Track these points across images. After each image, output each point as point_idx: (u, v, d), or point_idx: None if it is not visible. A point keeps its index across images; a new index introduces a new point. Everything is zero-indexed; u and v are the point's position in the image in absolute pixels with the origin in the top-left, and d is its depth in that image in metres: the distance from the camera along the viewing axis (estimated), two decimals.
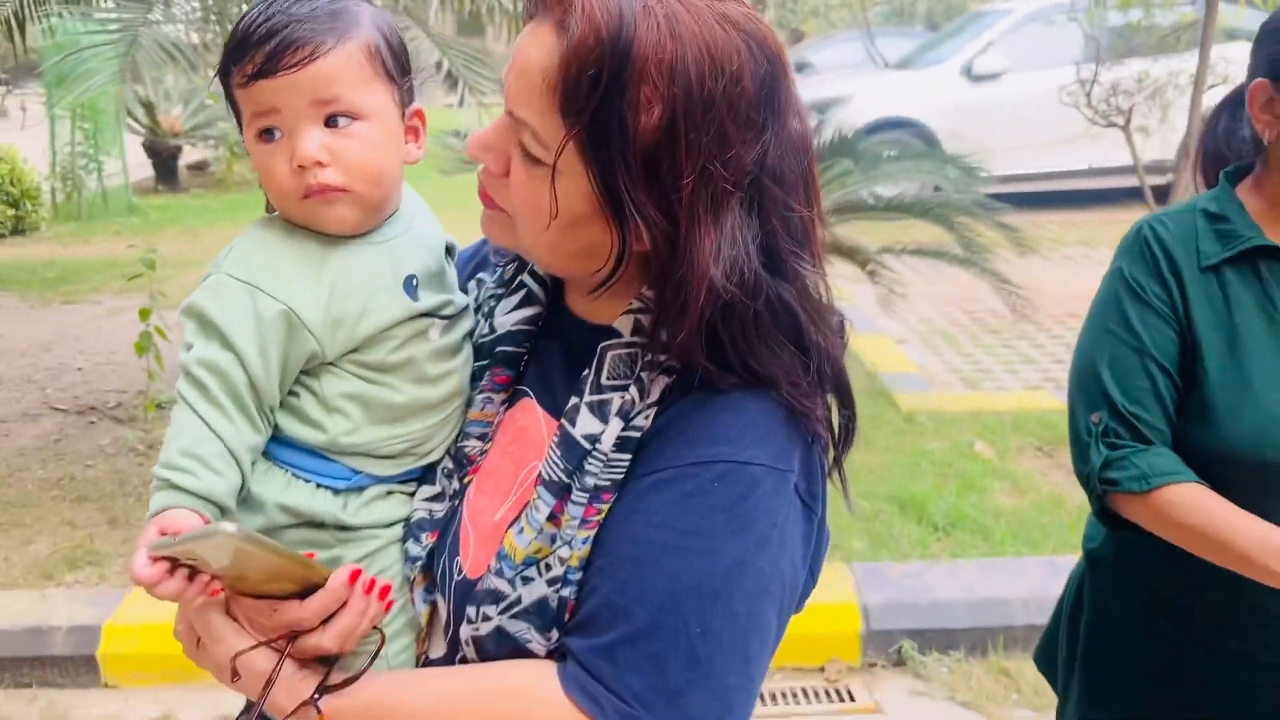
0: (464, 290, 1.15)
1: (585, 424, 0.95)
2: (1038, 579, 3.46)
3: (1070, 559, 3.54)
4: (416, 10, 3.77)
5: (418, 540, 1.03)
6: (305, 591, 0.93)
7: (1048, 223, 9.55)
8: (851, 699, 3.18)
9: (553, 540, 0.94)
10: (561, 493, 0.95)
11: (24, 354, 6.32)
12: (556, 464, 0.96)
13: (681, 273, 0.89)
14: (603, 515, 0.94)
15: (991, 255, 4.70)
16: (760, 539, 0.92)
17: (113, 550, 3.86)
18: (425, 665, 1.04)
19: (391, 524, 1.05)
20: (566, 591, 0.93)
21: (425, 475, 1.08)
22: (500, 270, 1.13)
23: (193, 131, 12.45)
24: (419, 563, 1.03)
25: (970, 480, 4.24)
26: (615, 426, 0.94)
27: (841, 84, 10.61)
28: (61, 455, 4.73)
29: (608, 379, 0.96)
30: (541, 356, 1.07)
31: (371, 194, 1.03)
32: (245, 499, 1.00)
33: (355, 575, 0.93)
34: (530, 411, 1.05)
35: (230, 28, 1.16)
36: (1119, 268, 1.58)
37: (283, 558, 0.88)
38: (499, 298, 1.11)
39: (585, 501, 0.94)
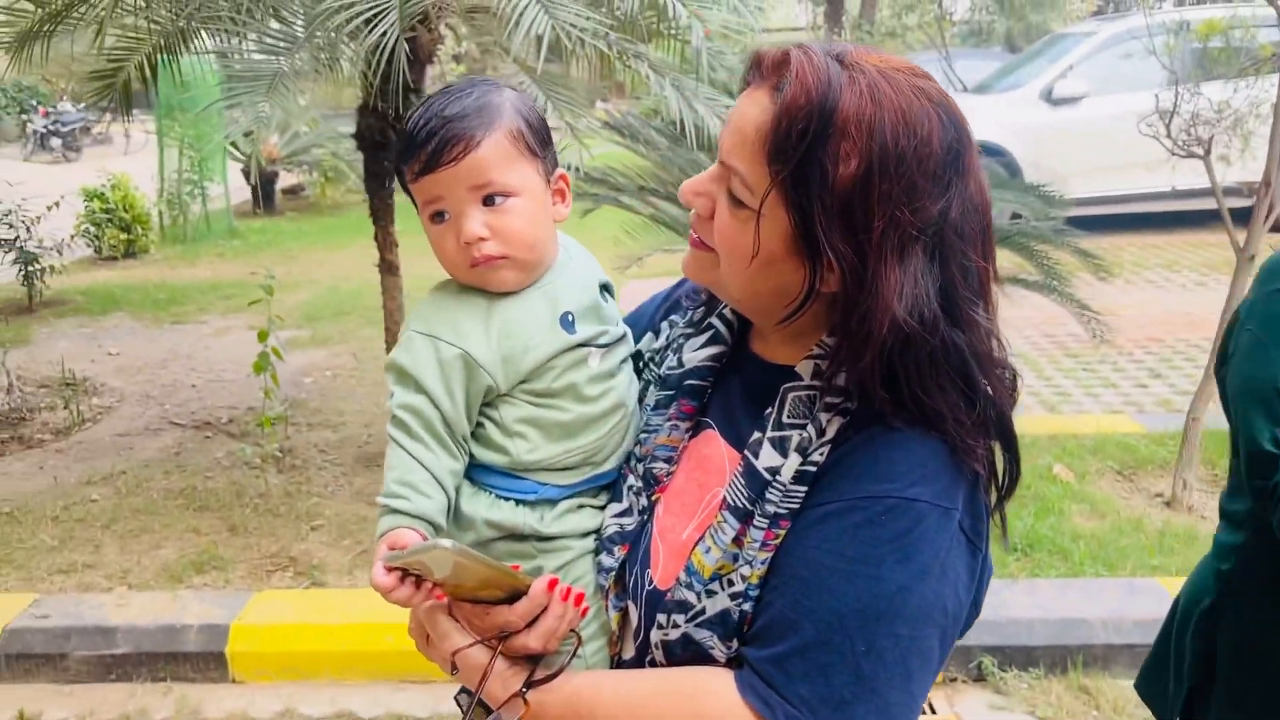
0: (657, 331, 1.34)
1: (767, 457, 1.08)
2: (1116, 600, 3.54)
3: (1150, 581, 3.63)
4: (505, 41, 4.03)
5: (610, 552, 1.19)
6: (513, 598, 1.10)
7: (1128, 246, 9.50)
8: (933, 710, 3.30)
9: (735, 559, 1.07)
10: (745, 517, 1.07)
11: (140, 371, 6.72)
12: (740, 491, 1.09)
13: (867, 305, 1.01)
14: (780, 540, 1.06)
15: (1071, 281, 4.78)
16: (922, 569, 1.01)
17: (234, 555, 4.15)
18: (618, 666, 1.19)
19: (584, 535, 1.21)
20: (746, 605, 1.06)
21: (613, 493, 1.24)
22: (690, 313, 1.30)
23: (289, 158, 12.98)
24: (612, 572, 1.18)
25: (1049, 502, 4.32)
26: (794, 461, 1.06)
27: None
28: (182, 467, 5.07)
29: (788, 417, 1.09)
30: (725, 391, 1.22)
31: (528, 257, 1.20)
32: (458, 518, 1.18)
33: (553, 583, 1.08)
34: (713, 441, 1.19)
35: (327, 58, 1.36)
36: None
37: (492, 569, 1.05)
38: (687, 337, 1.27)
39: (765, 527, 1.06)
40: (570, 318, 1.23)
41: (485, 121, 1.17)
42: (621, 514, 1.21)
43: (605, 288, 1.32)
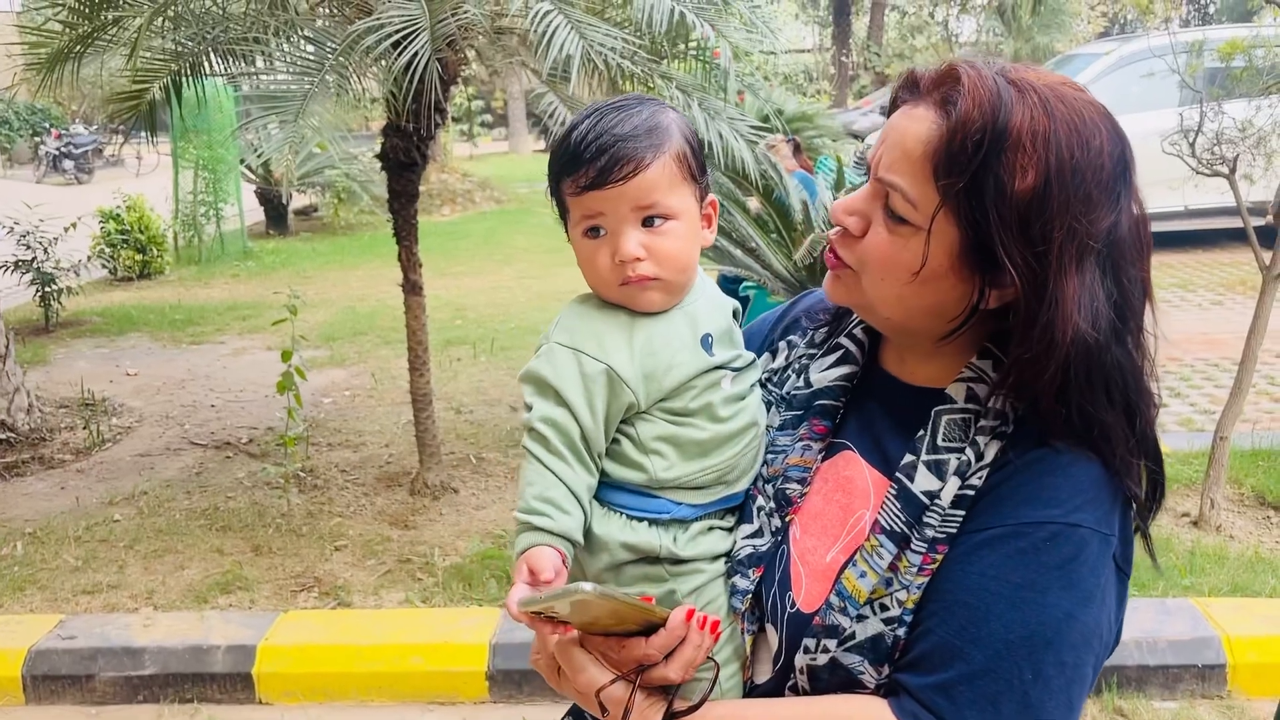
0: (774, 350, 1.33)
1: (923, 481, 1.07)
2: (1150, 621, 3.52)
3: (1183, 602, 3.61)
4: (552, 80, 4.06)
5: (744, 575, 1.17)
6: (645, 628, 1.08)
7: None
8: None
9: (889, 584, 1.06)
10: (902, 541, 1.06)
11: (159, 391, 6.73)
12: (896, 515, 1.08)
13: (1048, 318, 1.00)
14: (937, 565, 1.05)
15: None
16: (1086, 596, 1.01)
17: (259, 576, 4.14)
18: (751, 691, 1.17)
19: (715, 558, 1.19)
20: (900, 631, 1.04)
21: (743, 514, 1.22)
22: (810, 333, 1.30)
23: (302, 179, 13.05)
24: (748, 595, 1.16)
25: None
26: (953, 485, 1.05)
27: None
28: (204, 487, 5.06)
29: (943, 440, 1.08)
30: (862, 413, 1.20)
31: (679, 280, 1.20)
32: (588, 540, 1.16)
33: (691, 614, 1.06)
34: (854, 463, 1.18)
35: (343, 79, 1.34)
36: None
37: (627, 605, 1.03)
38: (812, 357, 1.27)
39: (924, 551, 1.05)
40: (710, 339, 1.22)
41: (656, 143, 1.16)
42: (753, 535, 1.19)
43: (735, 313, 1.31)
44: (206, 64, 4.33)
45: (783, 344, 1.33)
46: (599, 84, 4.10)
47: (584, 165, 1.15)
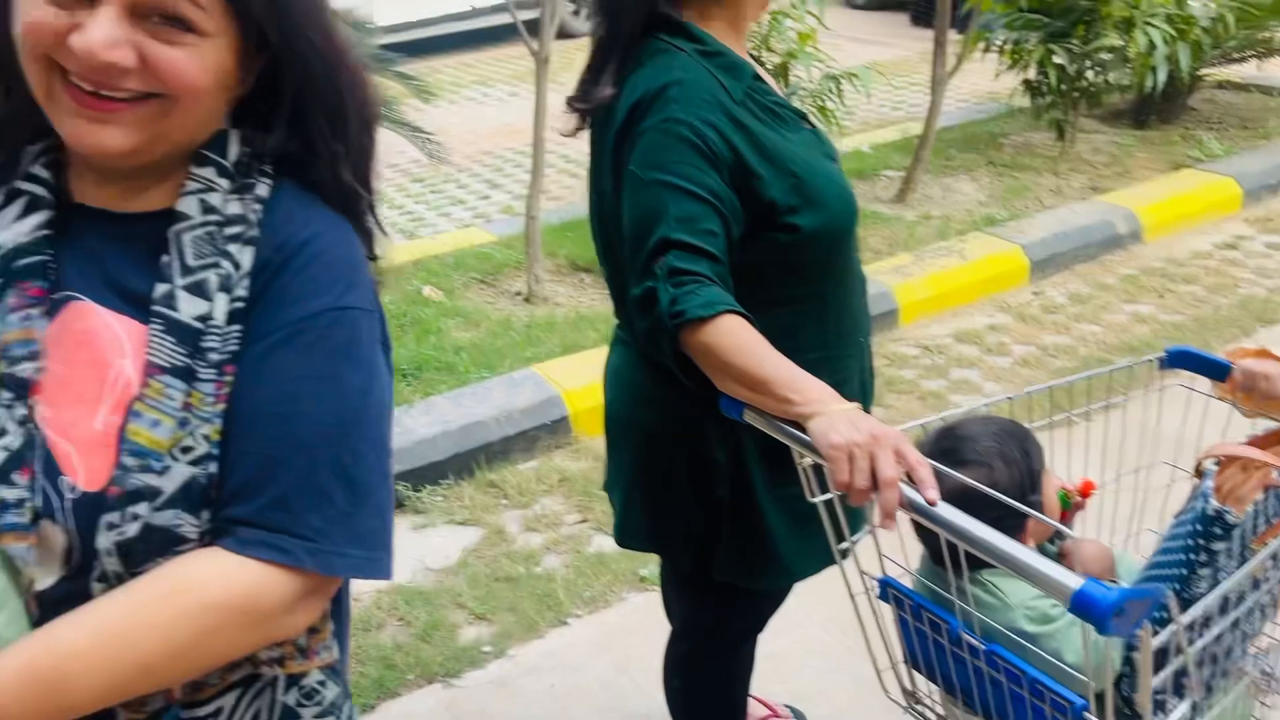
0: None
1: (189, 307, 1.00)
2: (503, 396, 3.85)
3: (527, 371, 3.99)
4: None
5: (11, 483, 0.96)
6: None
7: (444, 68, 9.91)
8: None
9: (184, 424, 0.98)
10: (188, 375, 0.99)
11: None
12: (174, 350, 0.99)
13: (331, 66, 1.05)
14: (230, 387, 1.00)
15: (399, 107, 4.85)
16: (372, 371, 1.05)
17: None
18: (43, 602, 0.97)
19: None
20: (212, 467, 0.98)
21: None
22: None
23: None
24: (27, 503, 0.96)
25: (426, 324, 4.50)
26: (222, 301, 1.01)
27: None
28: None
29: (194, 260, 1.01)
30: (78, 257, 1.04)
31: None
32: None
33: None
34: (90, 313, 1.02)
35: None
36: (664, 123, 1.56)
37: None
38: None
39: (214, 378, 0.99)
40: None
41: None
42: None
43: None
44: None
45: None
46: None
47: None
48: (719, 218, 1.53)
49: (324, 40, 1.05)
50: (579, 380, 3.88)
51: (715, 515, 1.79)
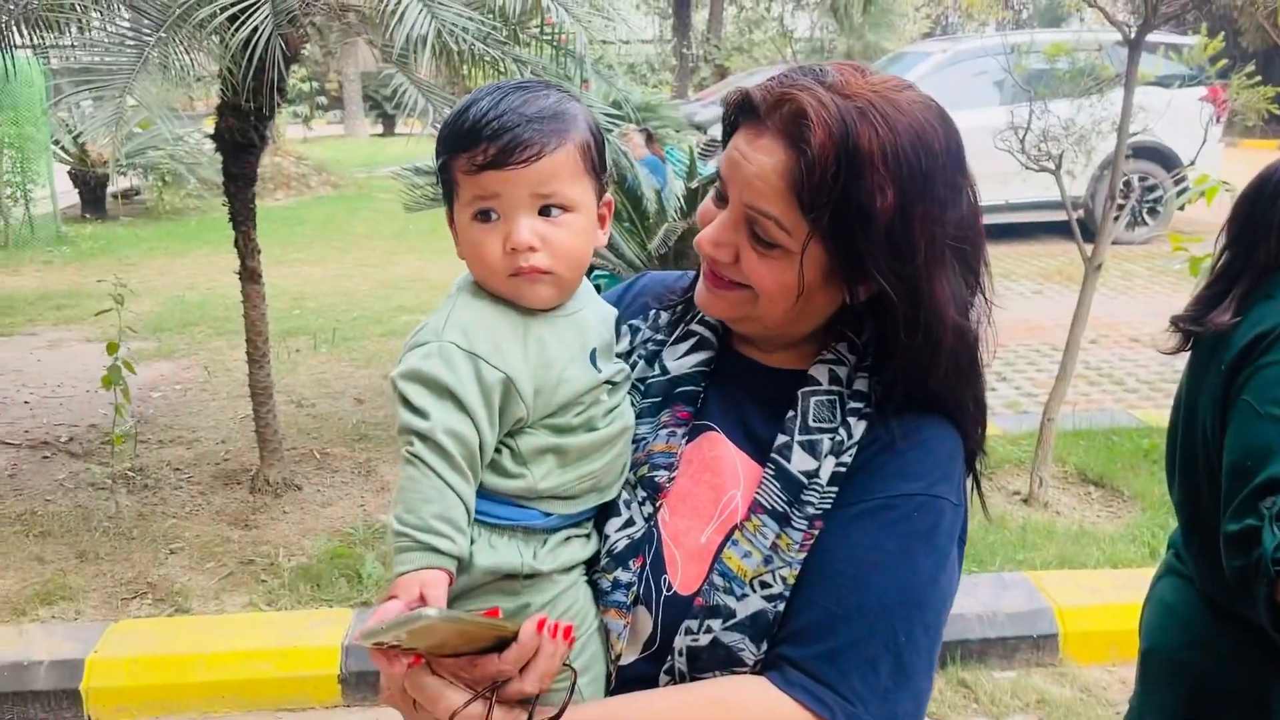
0: (616, 336, 1.28)
1: (800, 461, 1.12)
2: (989, 595, 3.68)
3: (1017, 575, 3.79)
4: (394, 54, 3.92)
5: (625, 567, 1.15)
6: (496, 644, 1.03)
7: None
8: None
9: (768, 561, 1.09)
10: (783, 520, 1.10)
11: None
12: (777, 495, 1.11)
13: (927, 319, 1.08)
14: (815, 539, 1.10)
15: None
16: (943, 560, 1.10)
17: (85, 584, 3.86)
18: (617, 674, 1.14)
19: (572, 567, 1.15)
20: (780, 606, 1.08)
21: (608, 509, 1.19)
22: (655, 319, 1.29)
23: (120, 161, 12.26)
24: (632, 588, 1.14)
25: None
26: (829, 464, 1.11)
27: None
28: (19, 490, 4.69)
29: (814, 421, 1.13)
30: (724, 396, 1.22)
31: (571, 277, 1.15)
32: None
33: (542, 623, 1.02)
34: (720, 444, 1.20)
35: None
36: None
37: (473, 625, 0.99)
38: (662, 344, 1.26)
39: (804, 528, 1.10)
40: (595, 353, 1.18)
41: (561, 130, 1.11)
42: (624, 526, 1.17)
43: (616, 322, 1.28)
44: (15, 34, 3.99)
45: (625, 328, 1.31)
46: (446, 66, 3.99)
47: (483, 142, 1.09)
48: None
49: (912, 289, 1.08)
50: (1075, 599, 3.62)
51: None
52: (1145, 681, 1.79)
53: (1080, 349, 4.70)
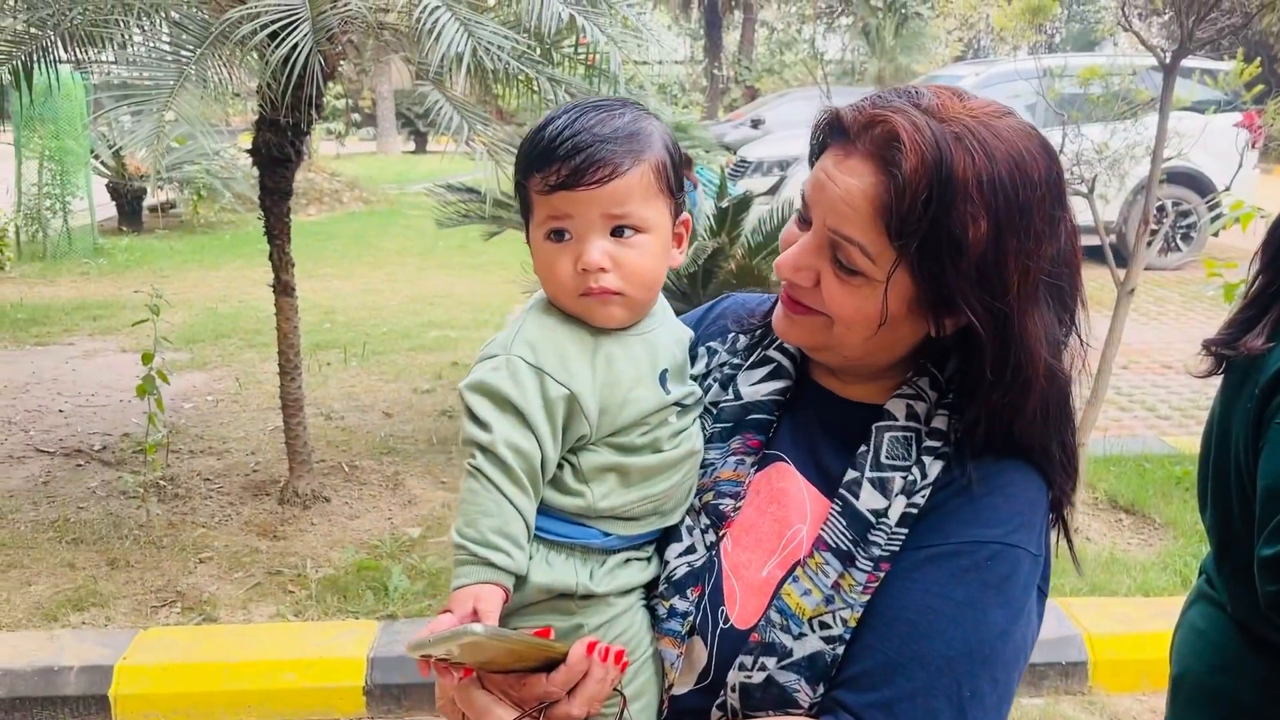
0: (692, 357, 1.27)
1: (869, 499, 1.07)
2: None
3: (1047, 602, 3.75)
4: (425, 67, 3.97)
5: (683, 596, 1.12)
6: (546, 664, 1.03)
7: None
8: None
9: (829, 601, 1.05)
10: (847, 559, 1.06)
11: (0, 395, 6.30)
12: (842, 533, 1.07)
13: (1017, 357, 1.03)
14: (880, 582, 1.05)
15: None
16: (1017, 613, 1.04)
17: (116, 591, 3.90)
18: (671, 702, 1.12)
19: (629, 590, 1.13)
20: (839, 649, 1.03)
21: (670, 533, 1.16)
22: (733, 341, 1.26)
23: (159, 174, 12.43)
24: (689, 617, 1.11)
25: None
26: (899, 504, 1.06)
27: (801, 141, 10.95)
28: (52, 498, 4.75)
29: (887, 458, 1.08)
30: (796, 426, 1.18)
31: (642, 297, 1.14)
32: None
33: (592, 646, 1.02)
34: (789, 476, 1.16)
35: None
36: None
37: (522, 644, 0.99)
38: (737, 368, 1.23)
39: (869, 569, 1.05)
40: (666, 374, 1.16)
41: (636, 150, 1.10)
42: (685, 553, 1.14)
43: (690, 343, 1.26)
44: (59, 48, 4.06)
45: (702, 350, 1.29)
46: (481, 84, 4.03)
47: (557, 162, 1.08)
48: None
49: (1002, 325, 1.03)
50: (1106, 627, 3.57)
51: None
52: (1176, 707, 1.77)
53: (1112, 374, 4.66)
